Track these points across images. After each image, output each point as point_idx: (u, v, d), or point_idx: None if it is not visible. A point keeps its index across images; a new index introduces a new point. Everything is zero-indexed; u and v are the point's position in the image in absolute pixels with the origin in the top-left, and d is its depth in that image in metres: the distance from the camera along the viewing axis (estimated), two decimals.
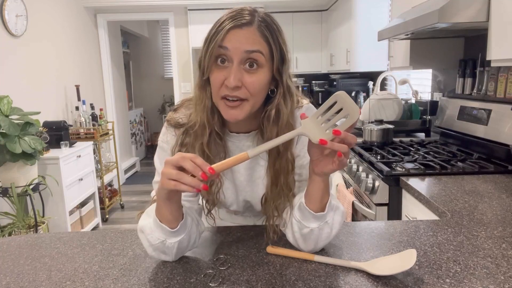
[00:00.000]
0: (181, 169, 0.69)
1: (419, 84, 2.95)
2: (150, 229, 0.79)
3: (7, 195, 2.44)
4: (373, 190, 1.68)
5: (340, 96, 0.70)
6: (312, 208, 0.79)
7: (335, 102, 0.71)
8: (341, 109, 0.71)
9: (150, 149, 6.65)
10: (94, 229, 3.44)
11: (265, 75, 0.80)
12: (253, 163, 0.94)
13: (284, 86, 0.84)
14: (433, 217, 1.25)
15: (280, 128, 0.84)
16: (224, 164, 0.71)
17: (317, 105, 0.85)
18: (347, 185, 2.14)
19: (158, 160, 0.94)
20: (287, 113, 0.85)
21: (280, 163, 0.85)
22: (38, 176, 2.59)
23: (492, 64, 1.48)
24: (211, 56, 0.78)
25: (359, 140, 2.29)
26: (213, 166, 0.69)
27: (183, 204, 0.82)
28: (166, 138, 0.93)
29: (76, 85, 3.66)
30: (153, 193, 0.89)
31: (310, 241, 0.82)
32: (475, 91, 2.00)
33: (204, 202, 0.96)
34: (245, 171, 0.95)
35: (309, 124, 0.72)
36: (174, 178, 0.68)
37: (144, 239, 0.81)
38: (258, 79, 0.79)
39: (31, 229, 2.48)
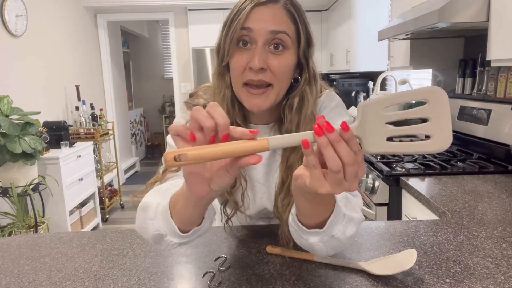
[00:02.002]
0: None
1: (419, 84, 2.95)
2: (154, 213, 0.62)
3: (7, 195, 2.44)
4: (373, 190, 1.68)
5: (438, 96, 0.45)
6: (305, 223, 0.61)
7: (424, 103, 0.46)
8: (426, 119, 0.46)
9: (150, 149, 6.65)
10: (94, 229, 3.44)
11: (291, 57, 0.73)
12: (271, 159, 0.83)
13: (310, 71, 0.77)
14: (433, 217, 1.25)
15: (303, 118, 0.75)
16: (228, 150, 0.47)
17: None
18: None
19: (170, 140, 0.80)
20: (312, 101, 0.76)
21: (294, 158, 0.75)
22: (38, 176, 2.59)
23: (492, 64, 1.48)
24: (232, 39, 0.71)
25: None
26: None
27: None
28: (185, 114, 0.82)
29: (76, 85, 3.66)
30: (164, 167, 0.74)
31: (314, 251, 0.66)
32: (475, 91, 2.00)
33: (222, 207, 0.84)
34: (262, 168, 0.84)
35: (369, 118, 0.47)
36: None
37: (141, 219, 0.64)
38: (284, 61, 0.71)
39: (31, 229, 2.48)
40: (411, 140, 0.43)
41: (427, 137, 0.46)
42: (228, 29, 0.71)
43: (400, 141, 0.48)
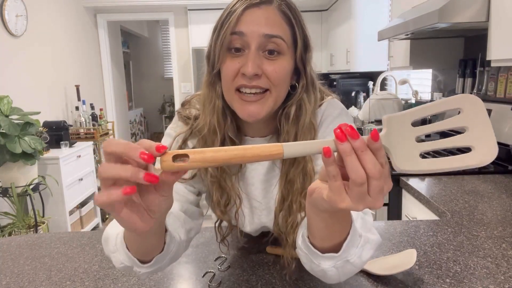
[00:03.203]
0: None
1: (419, 84, 2.95)
2: (114, 246, 0.57)
3: (7, 195, 2.44)
4: None
5: (472, 103, 0.40)
6: (318, 247, 0.55)
7: (458, 112, 0.41)
8: (463, 130, 0.41)
9: None
10: (94, 229, 3.44)
11: (287, 63, 0.67)
12: (270, 174, 0.78)
13: (308, 77, 0.71)
14: (433, 217, 1.25)
15: (300, 129, 0.70)
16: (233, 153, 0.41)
17: None
18: None
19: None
20: (310, 110, 0.70)
21: (294, 173, 0.70)
22: (38, 176, 2.59)
23: (492, 64, 1.48)
24: (223, 44, 0.65)
25: None
26: (207, 150, 0.41)
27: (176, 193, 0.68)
28: (175, 126, 0.78)
29: (76, 85, 3.66)
30: None
31: (326, 278, 0.59)
32: (475, 91, 2.00)
33: (216, 225, 0.80)
34: (261, 184, 0.78)
35: (396, 132, 0.41)
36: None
37: (105, 251, 0.61)
38: (280, 67, 0.65)
39: (31, 229, 2.48)
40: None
41: (467, 149, 0.41)
42: (218, 34, 0.66)
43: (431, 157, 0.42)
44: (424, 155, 0.42)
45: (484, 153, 0.39)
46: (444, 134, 1.10)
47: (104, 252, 0.61)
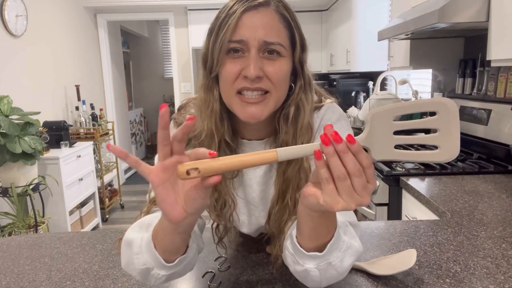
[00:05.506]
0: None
1: (419, 84, 2.95)
2: (139, 248, 0.59)
3: (7, 195, 2.44)
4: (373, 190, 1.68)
5: (448, 108, 0.46)
6: (304, 246, 0.58)
7: (434, 114, 0.47)
8: (435, 130, 0.47)
9: (150, 149, 6.65)
10: (94, 229, 3.44)
11: (287, 63, 0.68)
12: (267, 176, 0.79)
13: (306, 78, 0.71)
14: (433, 217, 1.25)
15: (299, 129, 0.70)
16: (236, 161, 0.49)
17: None
18: None
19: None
20: (308, 110, 0.71)
21: (292, 172, 0.70)
22: (38, 176, 2.59)
23: (492, 64, 1.48)
24: (221, 48, 0.65)
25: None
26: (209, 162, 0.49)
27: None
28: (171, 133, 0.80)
29: (76, 85, 3.66)
30: (152, 194, 0.71)
31: (308, 281, 0.61)
32: (475, 91, 2.00)
33: (213, 228, 0.81)
34: (258, 186, 0.79)
35: (378, 127, 0.48)
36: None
37: (127, 255, 0.61)
38: (280, 67, 0.66)
39: (31, 229, 2.47)
40: (417, 149, 0.47)
41: (435, 147, 0.47)
42: (216, 37, 0.65)
43: (406, 149, 0.49)
44: (397, 146, 0.48)
45: (447, 153, 0.46)
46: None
47: (123, 257, 0.62)
